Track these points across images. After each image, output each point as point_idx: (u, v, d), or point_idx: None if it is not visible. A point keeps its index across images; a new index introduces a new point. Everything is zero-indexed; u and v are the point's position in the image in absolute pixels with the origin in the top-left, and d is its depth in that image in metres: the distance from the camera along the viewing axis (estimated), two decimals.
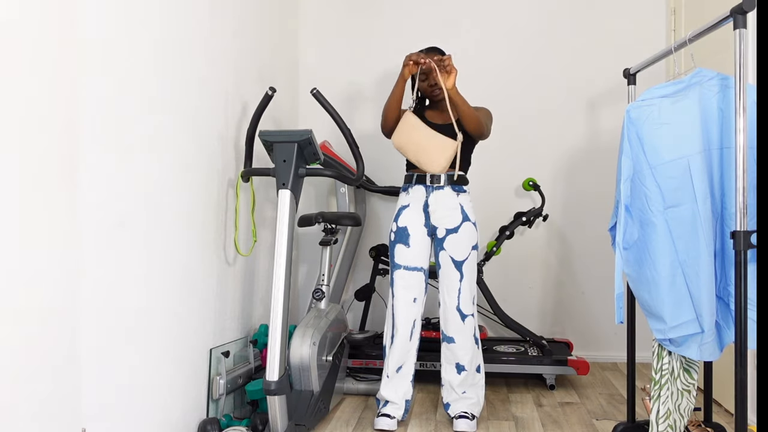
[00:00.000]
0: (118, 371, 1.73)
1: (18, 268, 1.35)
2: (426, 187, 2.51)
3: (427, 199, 2.50)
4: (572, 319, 3.57)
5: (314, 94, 2.40)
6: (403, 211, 2.53)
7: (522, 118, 3.57)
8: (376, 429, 2.41)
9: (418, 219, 2.50)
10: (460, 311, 2.45)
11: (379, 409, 2.49)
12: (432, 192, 2.50)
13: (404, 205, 2.54)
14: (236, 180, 2.56)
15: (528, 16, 3.59)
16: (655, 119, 1.87)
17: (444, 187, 2.49)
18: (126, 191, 1.76)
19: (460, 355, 2.46)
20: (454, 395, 2.49)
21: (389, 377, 2.50)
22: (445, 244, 2.47)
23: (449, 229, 2.47)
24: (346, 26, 3.69)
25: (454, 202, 2.49)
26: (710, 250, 1.83)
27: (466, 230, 2.47)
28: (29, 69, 1.38)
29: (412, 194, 2.53)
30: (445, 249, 2.47)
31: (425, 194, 2.51)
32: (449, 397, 2.50)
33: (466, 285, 2.46)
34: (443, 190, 2.49)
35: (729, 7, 1.69)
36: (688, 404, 1.97)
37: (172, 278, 2.03)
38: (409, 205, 2.52)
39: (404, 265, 2.49)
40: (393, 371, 2.50)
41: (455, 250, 2.46)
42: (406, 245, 2.49)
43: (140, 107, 1.83)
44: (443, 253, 2.48)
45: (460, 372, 2.47)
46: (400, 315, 2.49)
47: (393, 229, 2.54)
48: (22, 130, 1.35)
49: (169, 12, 2.01)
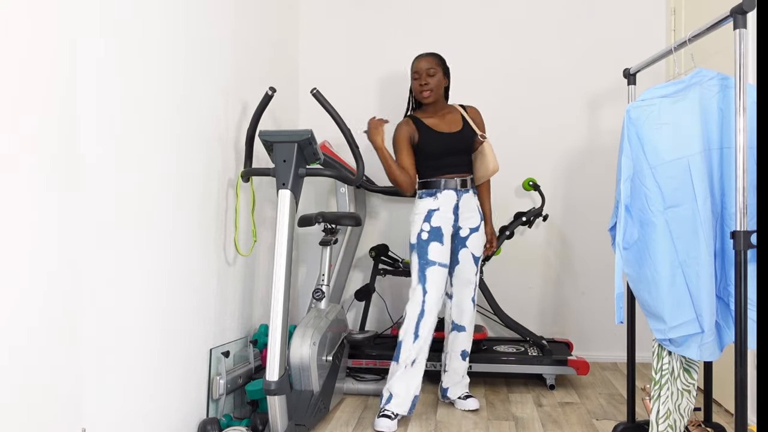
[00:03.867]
0: (118, 371, 1.73)
1: (18, 268, 1.35)
2: (456, 191, 2.65)
3: (457, 202, 2.64)
4: (572, 319, 3.57)
5: (314, 94, 2.41)
6: (434, 213, 2.62)
7: (522, 118, 3.57)
8: (376, 430, 2.41)
9: (448, 220, 2.63)
10: (473, 301, 2.70)
11: (382, 406, 2.49)
12: (462, 195, 2.65)
13: (433, 209, 2.62)
14: (236, 180, 2.56)
15: (528, 15, 3.59)
16: (655, 119, 1.87)
17: (469, 191, 2.69)
18: (126, 191, 1.76)
19: (466, 344, 2.71)
20: (456, 378, 2.72)
21: (406, 367, 2.50)
22: (468, 242, 2.67)
23: (472, 228, 2.68)
24: (346, 26, 3.69)
25: (474, 203, 2.71)
26: (710, 250, 1.83)
27: (482, 229, 2.73)
28: (29, 69, 1.38)
29: (442, 198, 2.63)
30: (467, 246, 2.67)
31: (456, 198, 2.64)
32: (450, 381, 2.72)
33: (477, 279, 2.73)
34: (469, 193, 2.68)
35: (729, 7, 1.69)
36: (688, 404, 1.97)
37: (172, 278, 2.03)
38: (439, 209, 2.62)
39: (439, 261, 2.58)
40: (410, 363, 2.51)
41: (476, 248, 2.68)
42: (440, 243, 2.59)
43: (140, 107, 1.83)
44: (465, 250, 2.67)
45: (465, 358, 2.72)
46: (431, 311, 2.54)
47: (425, 228, 2.60)
48: (22, 130, 1.35)
49: (169, 12, 2.01)
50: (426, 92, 2.64)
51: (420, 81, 2.65)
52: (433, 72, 2.64)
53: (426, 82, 2.63)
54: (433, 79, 2.64)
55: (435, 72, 2.65)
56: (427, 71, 2.64)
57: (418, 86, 2.66)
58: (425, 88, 2.64)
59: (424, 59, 2.67)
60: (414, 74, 2.67)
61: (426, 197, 2.64)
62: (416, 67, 2.67)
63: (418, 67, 2.66)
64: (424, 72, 2.64)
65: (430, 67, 2.64)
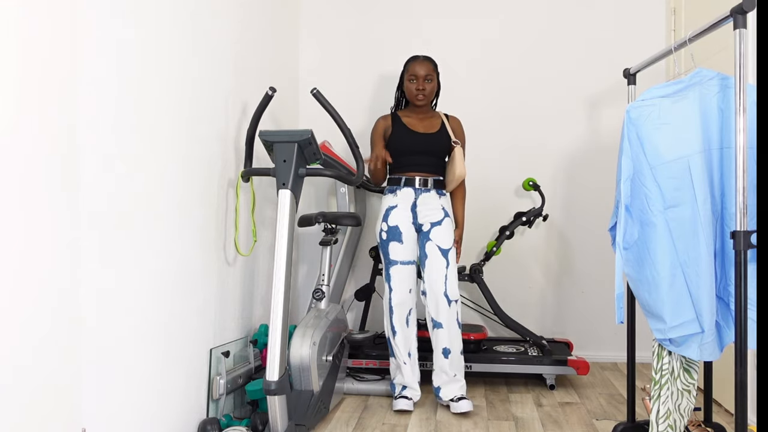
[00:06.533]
0: (118, 371, 1.73)
1: (18, 269, 1.35)
2: (415, 189, 2.73)
3: (415, 200, 2.73)
4: (572, 319, 3.57)
5: (314, 94, 2.41)
6: (392, 211, 2.72)
7: (522, 118, 3.57)
8: (396, 410, 2.61)
9: (406, 218, 2.71)
10: (447, 296, 2.66)
11: (398, 393, 2.68)
12: (421, 194, 2.73)
13: (392, 206, 2.73)
14: (236, 180, 2.56)
15: (528, 16, 3.59)
16: (655, 119, 1.87)
17: (431, 191, 2.75)
18: (126, 191, 1.76)
19: (445, 341, 2.66)
20: (445, 377, 2.67)
21: (406, 363, 2.69)
22: (431, 235, 2.71)
23: (434, 223, 2.72)
24: (346, 26, 3.69)
25: (437, 203, 2.74)
26: (710, 250, 1.83)
27: (448, 223, 2.74)
28: (29, 69, 1.38)
29: (400, 195, 2.74)
30: (432, 239, 2.71)
31: (414, 195, 2.73)
32: (440, 380, 2.69)
33: (452, 272, 2.69)
34: (430, 193, 2.75)
35: (729, 7, 1.69)
36: (688, 404, 1.97)
37: (172, 278, 2.03)
38: (397, 206, 2.72)
39: (401, 260, 2.70)
40: (406, 356, 2.69)
41: (441, 239, 2.70)
42: (399, 242, 2.70)
43: (140, 107, 1.83)
44: (430, 243, 2.71)
45: (447, 356, 2.66)
46: (398, 305, 2.69)
47: (383, 228, 2.73)
48: (21, 130, 1.35)
49: (169, 12, 2.01)
50: (421, 96, 2.75)
51: (417, 85, 2.74)
52: (430, 78, 2.76)
53: (423, 87, 2.74)
54: (430, 86, 2.76)
55: (432, 79, 2.76)
56: (425, 77, 2.73)
57: (414, 90, 2.74)
58: (421, 92, 2.74)
59: (421, 64, 2.73)
60: (410, 76, 2.75)
61: (388, 193, 2.78)
62: (413, 70, 2.73)
63: (416, 71, 2.73)
64: (422, 78, 2.73)
65: (428, 74, 2.74)
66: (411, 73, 2.74)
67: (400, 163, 2.76)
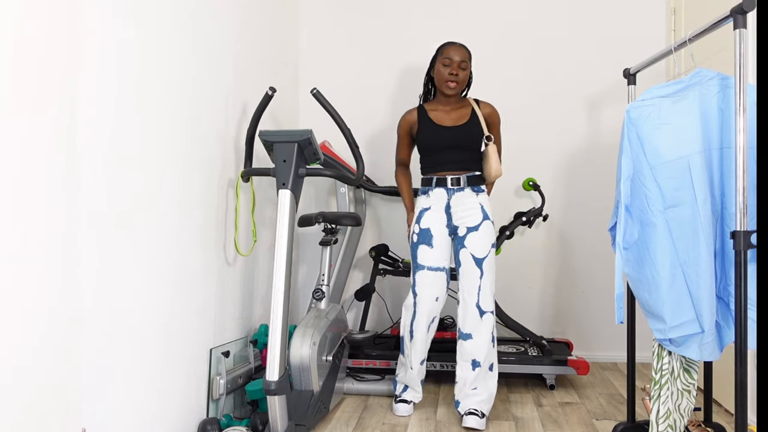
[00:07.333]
0: (118, 371, 1.73)
1: (18, 269, 1.35)
2: (447, 190, 2.58)
3: (449, 201, 2.57)
4: (572, 319, 3.57)
5: (314, 94, 2.41)
6: (425, 213, 2.59)
7: (522, 118, 3.57)
8: (396, 415, 2.57)
9: (440, 220, 2.57)
10: (479, 308, 2.50)
11: (398, 394, 2.63)
12: (453, 194, 2.57)
13: (425, 208, 2.59)
14: (236, 180, 2.56)
15: (528, 16, 3.59)
16: (655, 119, 1.87)
17: (464, 189, 2.57)
18: (126, 191, 1.76)
19: (476, 352, 2.50)
20: (465, 391, 2.52)
21: (413, 368, 2.60)
22: (466, 242, 2.54)
23: (470, 228, 2.54)
24: (346, 26, 3.69)
25: (473, 201, 2.57)
26: (710, 250, 1.83)
27: (486, 228, 2.55)
28: (29, 69, 1.38)
29: (433, 197, 2.59)
30: (466, 247, 2.54)
31: (447, 196, 2.58)
32: (460, 394, 2.54)
33: (487, 282, 2.51)
34: (464, 192, 2.57)
35: (729, 7, 1.69)
36: (688, 404, 1.97)
37: (172, 278, 2.03)
38: (430, 208, 2.58)
39: (428, 265, 2.55)
40: (417, 363, 2.60)
41: (476, 248, 2.52)
42: (429, 246, 2.55)
43: (140, 107, 1.83)
44: (464, 251, 2.54)
45: (475, 368, 2.51)
46: (423, 313, 2.55)
47: (415, 231, 2.60)
48: (21, 130, 1.35)
49: (169, 12, 2.01)
50: (453, 83, 2.56)
51: (451, 69, 2.55)
52: (465, 66, 2.57)
53: (456, 73, 2.55)
54: (464, 73, 2.58)
55: (466, 66, 2.58)
56: (459, 64, 2.55)
57: (447, 74, 2.55)
58: (453, 79, 2.55)
59: (458, 49, 2.56)
60: (445, 60, 2.55)
61: (421, 195, 2.65)
62: (449, 53, 2.56)
63: (451, 54, 2.55)
64: (456, 63, 2.55)
65: (463, 60, 2.56)
66: (445, 56, 2.55)
67: (430, 162, 2.61)
